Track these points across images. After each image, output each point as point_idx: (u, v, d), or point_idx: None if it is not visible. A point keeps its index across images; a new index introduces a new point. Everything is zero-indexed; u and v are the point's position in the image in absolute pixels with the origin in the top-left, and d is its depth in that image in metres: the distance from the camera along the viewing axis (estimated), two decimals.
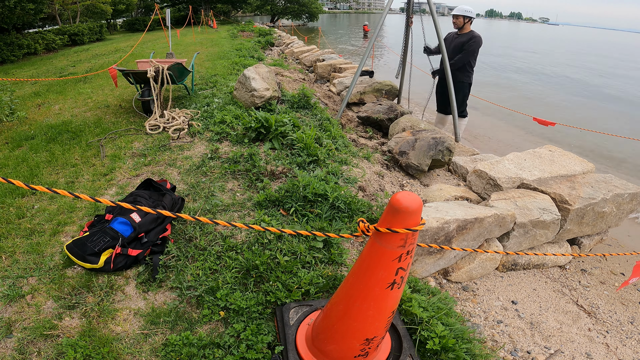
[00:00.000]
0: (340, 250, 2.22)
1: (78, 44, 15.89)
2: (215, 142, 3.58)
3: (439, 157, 3.75)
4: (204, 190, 2.77)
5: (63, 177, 3.03)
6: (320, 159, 3.22)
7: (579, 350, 2.19)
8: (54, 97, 5.59)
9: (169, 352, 1.61)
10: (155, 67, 4.12)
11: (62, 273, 2.00)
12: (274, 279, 1.93)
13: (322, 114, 4.59)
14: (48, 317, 1.75)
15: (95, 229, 2.15)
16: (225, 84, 5.75)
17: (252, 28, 18.22)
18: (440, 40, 4.80)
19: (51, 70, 8.88)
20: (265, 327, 1.72)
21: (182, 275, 1.99)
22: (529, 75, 13.71)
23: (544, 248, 2.91)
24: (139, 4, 27.54)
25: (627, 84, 13.08)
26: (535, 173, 3.11)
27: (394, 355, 1.61)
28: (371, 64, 11.61)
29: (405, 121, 4.52)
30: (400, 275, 1.21)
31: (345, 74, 7.73)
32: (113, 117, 4.42)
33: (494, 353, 1.98)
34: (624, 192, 2.90)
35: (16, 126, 4.28)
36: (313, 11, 36.66)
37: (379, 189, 3.19)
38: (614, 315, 2.51)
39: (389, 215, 1.12)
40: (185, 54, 9.49)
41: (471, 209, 2.55)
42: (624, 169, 5.60)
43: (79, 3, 17.95)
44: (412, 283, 2.11)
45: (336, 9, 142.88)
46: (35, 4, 11.15)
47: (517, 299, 2.52)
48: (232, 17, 32.19)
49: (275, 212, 2.51)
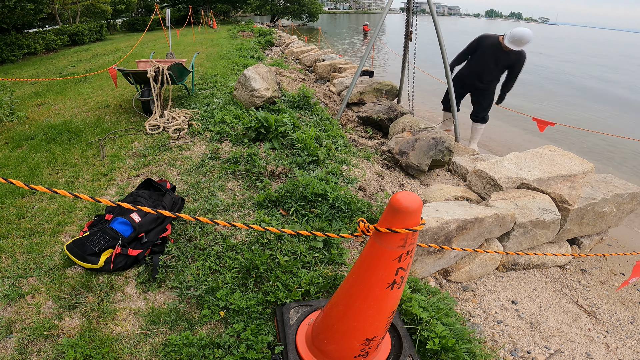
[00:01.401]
0: (340, 250, 2.22)
1: (78, 44, 15.89)
2: (215, 142, 3.58)
3: (439, 157, 3.75)
4: (204, 190, 2.77)
5: (63, 177, 3.03)
6: (320, 159, 3.22)
7: (579, 350, 2.19)
8: (54, 97, 5.59)
9: (169, 352, 1.61)
10: (155, 67, 4.12)
11: (62, 273, 2.00)
12: (274, 279, 1.93)
13: (322, 114, 4.59)
14: (48, 317, 1.75)
15: (95, 229, 2.15)
16: (225, 84, 5.75)
17: (252, 28, 18.22)
18: (441, 41, 4.79)
19: (51, 70, 8.88)
20: (265, 327, 1.72)
21: (182, 275, 1.99)
22: (529, 76, 13.70)
23: (544, 248, 2.91)
24: (139, 4, 27.53)
25: (628, 83, 13.08)
26: (535, 173, 3.11)
27: (394, 355, 1.61)
28: (371, 64, 11.61)
29: (405, 121, 4.52)
30: (400, 275, 1.21)
31: (345, 74, 7.73)
32: (113, 117, 4.42)
33: (494, 353, 1.98)
34: (624, 192, 2.90)
35: (16, 126, 4.28)
36: (313, 11, 36.68)
37: (379, 189, 3.19)
38: (614, 315, 2.51)
39: (389, 215, 1.12)
40: (185, 54, 9.49)
41: (471, 209, 2.55)
42: (624, 169, 5.60)
43: (79, 3, 17.95)
44: (412, 283, 2.11)
45: (336, 9, 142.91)
46: (35, 4, 11.15)
47: (517, 299, 2.52)
48: (232, 17, 32.17)
49: (275, 212, 2.51)
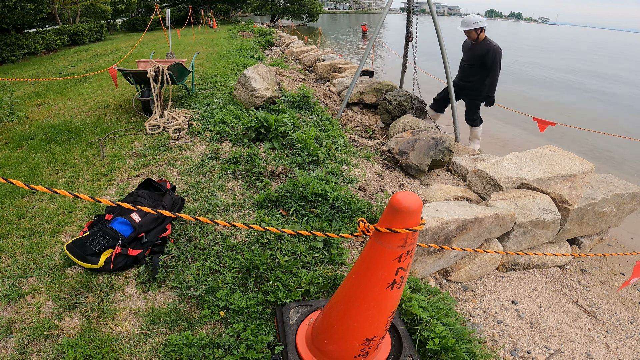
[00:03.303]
0: (340, 250, 2.22)
1: (78, 44, 15.89)
2: (215, 142, 3.58)
3: (439, 157, 3.75)
4: (204, 190, 2.77)
5: (63, 177, 3.03)
6: (320, 159, 3.22)
7: (579, 350, 2.19)
8: (54, 97, 5.59)
9: (169, 352, 1.61)
10: (155, 67, 4.12)
11: (62, 273, 2.00)
12: (274, 279, 1.93)
13: (322, 114, 4.59)
14: (48, 317, 1.75)
15: (95, 229, 2.15)
16: (225, 84, 5.75)
17: (252, 28, 18.23)
18: (441, 41, 4.78)
19: (51, 70, 8.88)
20: (265, 327, 1.72)
21: (182, 275, 1.99)
22: (529, 75, 13.71)
23: (544, 248, 2.91)
24: (139, 4, 27.51)
25: (628, 83, 13.08)
26: (535, 173, 3.11)
27: (394, 355, 1.61)
28: (371, 64, 11.62)
29: (405, 121, 4.52)
30: (400, 275, 1.21)
31: (345, 74, 7.73)
32: (113, 117, 4.42)
33: (494, 353, 1.98)
34: (624, 192, 2.90)
35: (16, 126, 4.28)
36: (313, 11, 36.68)
37: (379, 189, 3.19)
38: (614, 315, 2.51)
39: (389, 215, 1.12)
40: (185, 54, 9.49)
41: (471, 209, 2.55)
42: (624, 169, 5.59)
43: (79, 3, 17.95)
44: (412, 283, 2.11)
45: (336, 9, 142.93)
46: (35, 4, 11.15)
47: (517, 299, 2.52)
48: (232, 17, 32.18)
49: (275, 212, 2.51)
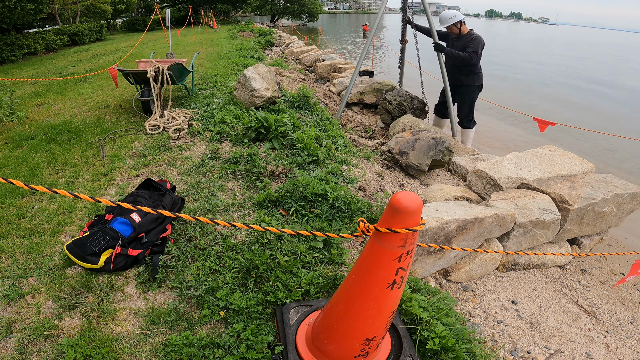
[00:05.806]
0: (340, 250, 2.22)
1: (78, 44, 15.89)
2: (215, 142, 3.58)
3: (439, 157, 3.75)
4: (204, 190, 2.77)
5: (63, 177, 3.03)
6: (320, 159, 3.22)
7: (579, 350, 2.19)
8: (54, 97, 5.59)
9: (169, 352, 1.61)
10: (155, 67, 4.12)
11: (62, 273, 2.00)
12: (274, 279, 1.93)
13: (322, 114, 4.59)
14: (48, 317, 1.75)
15: (95, 229, 2.15)
16: (225, 84, 5.75)
17: (252, 28, 18.21)
18: (436, 40, 4.76)
19: (51, 70, 8.88)
20: (265, 327, 1.72)
21: (182, 275, 1.99)
22: (529, 75, 13.71)
23: (544, 248, 2.91)
24: (139, 4, 27.53)
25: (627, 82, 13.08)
26: (535, 173, 3.11)
27: (394, 355, 1.61)
28: (371, 64, 11.62)
29: (405, 121, 4.52)
30: (400, 275, 1.21)
31: (345, 74, 7.73)
32: (113, 117, 4.42)
33: (494, 353, 1.98)
34: (624, 192, 2.90)
35: (16, 126, 4.28)
36: (313, 11, 36.66)
37: (379, 189, 3.19)
38: (614, 315, 2.51)
39: (389, 215, 1.12)
40: (185, 54, 9.49)
41: (471, 209, 2.55)
42: (624, 169, 5.60)
43: (79, 3, 17.95)
44: (412, 283, 2.11)
45: (336, 9, 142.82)
46: (35, 4, 11.15)
47: (517, 299, 2.52)
48: (232, 17, 32.15)
49: (275, 212, 2.51)
